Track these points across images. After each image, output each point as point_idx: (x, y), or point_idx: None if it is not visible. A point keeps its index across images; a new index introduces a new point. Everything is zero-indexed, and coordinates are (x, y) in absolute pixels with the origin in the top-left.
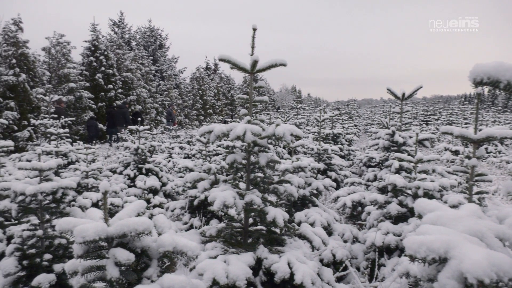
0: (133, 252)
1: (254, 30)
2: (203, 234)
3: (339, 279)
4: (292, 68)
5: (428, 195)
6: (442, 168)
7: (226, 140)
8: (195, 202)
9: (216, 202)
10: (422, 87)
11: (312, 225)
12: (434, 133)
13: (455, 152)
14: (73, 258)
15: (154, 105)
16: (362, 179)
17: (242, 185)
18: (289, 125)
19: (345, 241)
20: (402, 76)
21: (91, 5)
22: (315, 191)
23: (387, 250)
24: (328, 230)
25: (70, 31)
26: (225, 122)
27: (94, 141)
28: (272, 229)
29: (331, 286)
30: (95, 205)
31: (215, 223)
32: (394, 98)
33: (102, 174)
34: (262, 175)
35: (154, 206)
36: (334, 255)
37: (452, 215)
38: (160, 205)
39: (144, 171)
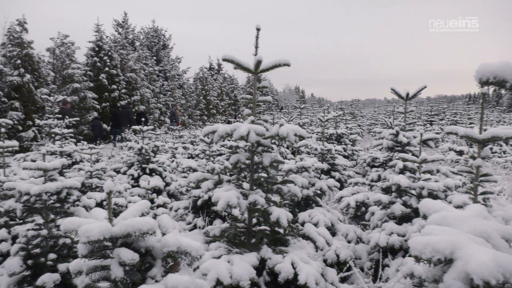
0: (137, 252)
1: (258, 30)
2: (207, 234)
3: (343, 280)
4: (296, 68)
5: (433, 196)
6: (447, 168)
7: (230, 140)
8: (199, 202)
9: (220, 202)
10: (426, 87)
11: (316, 226)
12: (438, 133)
13: (460, 152)
14: (78, 258)
15: (158, 105)
16: (366, 179)
17: (246, 185)
18: (293, 125)
19: (349, 242)
20: (406, 76)
21: (95, 6)
22: (319, 191)
23: (391, 251)
24: (332, 231)
25: (74, 32)
26: (229, 122)
27: (98, 141)
28: (276, 229)
29: (335, 287)
30: (99, 205)
31: (219, 223)
32: (398, 98)
33: (106, 174)
34: (266, 175)
35: (158, 206)
36: (338, 256)
37: (458, 216)
38: (164, 205)
39: (148, 171)
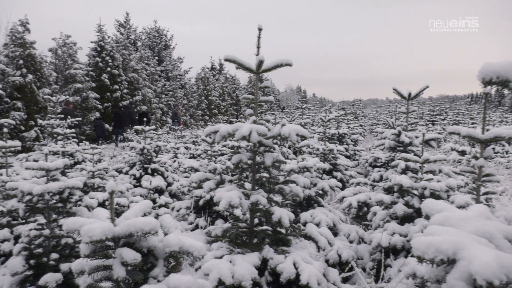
0: (140, 252)
1: (260, 30)
2: (209, 234)
3: (345, 280)
4: (297, 69)
5: (435, 196)
6: (449, 169)
7: (232, 140)
8: (201, 202)
9: (222, 202)
10: (428, 87)
11: (318, 226)
12: (441, 133)
13: (462, 153)
14: (80, 258)
15: (160, 106)
16: (368, 180)
17: (248, 185)
18: (295, 125)
19: (351, 242)
20: (406, 76)
21: (97, 7)
22: (321, 192)
23: (393, 251)
24: (334, 231)
25: (76, 32)
26: (231, 122)
27: (100, 141)
28: (278, 230)
29: (337, 287)
30: (101, 205)
31: (221, 223)
32: (400, 98)
33: (108, 174)
34: (268, 175)
35: (160, 206)
36: (340, 256)
37: (460, 216)
38: (166, 205)
39: (150, 171)
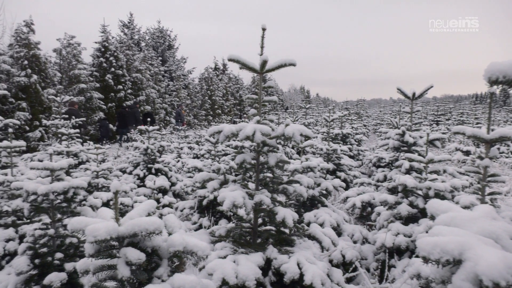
0: (144, 252)
1: (264, 30)
2: (213, 234)
3: (349, 280)
4: (301, 68)
5: (439, 196)
6: (453, 169)
7: (235, 140)
8: (204, 202)
9: (226, 202)
10: (433, 87)
11: (322, 226)
12: (445, 133)
13: (467, 153)
14: (84, 257)
15: (163, 106)
16: (372, 180)
17: (251, 185)
18: (299, 125)
19: (355, 242)
20: (406, 76)
21: (101, 7)
22: (324, 192)
23: (398, 251)
24: (338, 231)
25: (80, 33)
26: (234, 122)
27: (104, 141)
28: (282, 230)
29: (341, 287)
30: (106, 205)
31: (224, 223)
32: (404, 98)
33: (112, 174)
34: (271, 175)
35: (164, 206)
36: (344, 256)
37: (466, 216)
38: (170, 205)
39: (154, 171)
